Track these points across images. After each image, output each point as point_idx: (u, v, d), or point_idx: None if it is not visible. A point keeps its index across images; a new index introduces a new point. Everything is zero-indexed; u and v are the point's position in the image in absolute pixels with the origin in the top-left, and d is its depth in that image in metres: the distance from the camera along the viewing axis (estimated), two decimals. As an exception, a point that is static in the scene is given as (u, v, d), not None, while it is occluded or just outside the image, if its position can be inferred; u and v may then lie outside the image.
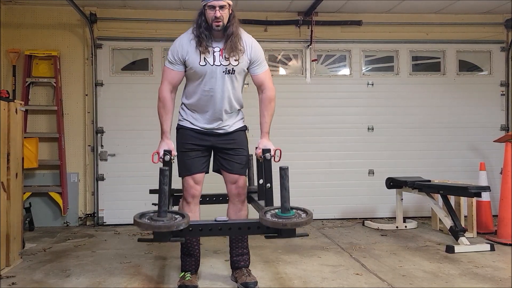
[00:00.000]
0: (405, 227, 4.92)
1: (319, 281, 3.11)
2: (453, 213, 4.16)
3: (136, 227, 2.51)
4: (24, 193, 4.11)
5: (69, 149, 5.26)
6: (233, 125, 2.96)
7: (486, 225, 4.62)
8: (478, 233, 4.46)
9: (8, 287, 3.02)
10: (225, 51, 2.80)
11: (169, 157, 2.80)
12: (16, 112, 3.56)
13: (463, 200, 4.53)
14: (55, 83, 5.17)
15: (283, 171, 2.35)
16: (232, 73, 2.84)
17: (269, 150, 2.80)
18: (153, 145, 3.10)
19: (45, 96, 5.28)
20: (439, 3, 5.35)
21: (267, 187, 2.75)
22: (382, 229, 4.88)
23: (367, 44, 5.66)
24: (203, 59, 2.80)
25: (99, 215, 5.28)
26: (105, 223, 5.28)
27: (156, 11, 5.37)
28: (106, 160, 5.31)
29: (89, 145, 5.31)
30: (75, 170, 5.30)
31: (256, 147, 2.89)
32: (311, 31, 5.45)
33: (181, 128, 2.98)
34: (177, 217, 2.42)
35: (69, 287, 3.03)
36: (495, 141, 4.79)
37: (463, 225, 4.33)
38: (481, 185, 4.49)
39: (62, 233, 4.82)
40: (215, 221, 2.48)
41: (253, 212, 3.04)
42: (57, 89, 5.18)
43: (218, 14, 2.71)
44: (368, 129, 5.63)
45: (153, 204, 3.28)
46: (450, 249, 3.83)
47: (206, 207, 3.41)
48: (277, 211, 2.43)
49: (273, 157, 2.80)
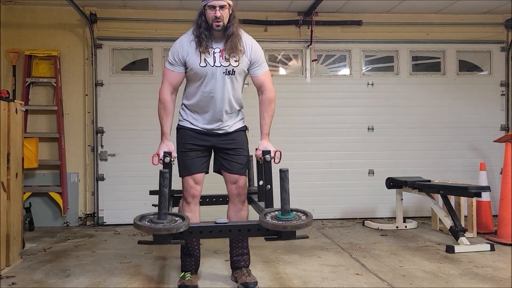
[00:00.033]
0: (405, 227, 4.92)
1: (319, 281, 3.11)
2: (453, 213, 4.16)
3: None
4: (24, 193, 4.11)
5: (69, 149, 5.26)
6: (233, 125, 2.96)
7: (486, 225, 4.62)
8: (478, 233, 4.46)
9: (8, 287, 3.02)
10: (225, 51, 2.80)
11: (169, 159, 2.79)
12: (16, 112, 3.56)
13: (463, 200, 4.53)
14: (55, 83, 5.17)
15: (283, 173, 2.34)
16: (232, 74, 2.83)
17: (269, 151, 2.80)
18: (153, 145, 3.10)
19: (45, 96, 5.28)
20: (439, 3, 5.35)
21: (267, 188, 2.74)
22: (382, 229, 4.88)
23: (367, 44, 5.66)
24: (203, 60, 2.79)
25: (99, 215, 5.28)
26: (105, 223, 5.28)
27: (156, 11, 5.37)
28: (106, 160, 5.31)
29: (89, 145, 5.31)
30: (75, 170, 5.30)
31: (256, 149, 2.89)
32: (311, 31, 5.45)
33: (181, 128, 2.98)
34: (177, 219, 2.41)
35: (69, 287, 3.03)
36: (495, 141, 4.79)
37: (463, 225, 4.33)
38: (481, 185, 4.49)
39: (62, 233, 4.83)
40: (215, 223, 2.48)
41: (253, 212, 3.04)
42: (57, 89, 5.18)
43: (218, 14, 2.71)
44: (368, 129, 5.63)
45: (153, 205, 3.29)
46: (450, 249, 3.83)
47: (206, 207, 3.42)
48: (277, 213, 2.42)
49: (273, 159, 2.80)
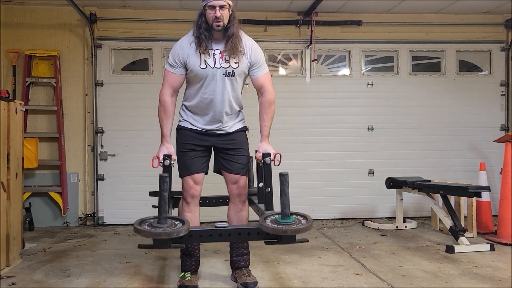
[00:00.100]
0: (405, 227, 4.92)
1: (319, 281, 3.11)
2: (453, 213, 4.16)
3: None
4: (24, 193, 4.11)
5: (69, 149, 5.26)
6: (233, 126, 2.96)
7: (486, 225, 4.62)
8: (478, 233, 4.46)
9: (8, 287, 3.02)
10: (225, 52, 2.79)
11: (169, 161, 2.78)
12: (16, 112, 3.56)
13: (463, 200, 4.52)
14: (55, 83, 5.17)
15: (283, 177, 2.34)
16: (232, 76, 2.83)
17: (269, 154, 2.80)
18: (153, 145, 3.10)
19: (45, 96, 5.28)
20: (439, 3, 5.35)
21: (267, 191, 2.74)
22: (382, 229, 4.88)
23: (367, 44, 5.66)
24: (203, 61, 2.79)
25: (99, 215, 5.28)
26: (105, 223, 5.28)
27: (156, 11, 5.37)
28: (106, 160, 5.31)
29: (89, 145, 5.31)
30: (75, 170, 5.30)
31: (256, 151, 2.89)
32: (311, 31, 5.45)
33: (181, 128, 2.98)
34: (177, 223, 2.41)
35: (69, 287, 3.03)
36: (495, 141, 4.79)
37: (463, 225, 4.33)
38: (481, 185, 4.49)
39: (62, 233, 4.83)
40: (215, 227, 2.47)
41: (253, 213, 3.04)
42: (57, 89, 5.18)
43: (218, 14, 2.71)
44: (368, 129, 5.63)
45: (153, 206, 3.28)
46: (450, 249, 3.83)
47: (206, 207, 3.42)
48: (277, 216, 2.42)
49: (273, 161, 2.80)
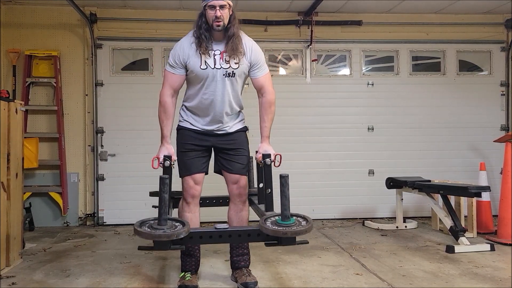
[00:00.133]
0: (405, 227, 4.92)
1: (319, 281, 3.11)
2: (453, 213, 4.16)
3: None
4: (24, 193, 4.11)
5: (69, 149, 5.26)
6: (233, 126, 2.96)
7: (486, 225, 4.62)
8: (478, 233, 4.46)
9: (8, 287, 3.02)
10: (225, 53, 2.79)
11: (169, 162, 2.78)
12: (16, 112, 3.56)
13: (463, 200, 4.52)
14: (55, 83, 5.17)
15: (283, 179, 2.33)
16: (232, 76, 2.83)
17: (269, 155, 2.80)
18: (153, 145, 3.10)
19: (45, 96, 5.28)
20: (439, 3, 5.35)
21: (267, 192, 2.74)
22: (382, 229, 4.88)
23: (367, 44, 5.66)
24: (204, 62, 2.79)
25: (99, 215, 5.28)
26: (105, 223, 5.28)
27: (156, 11, 5.37)
28: (106, 160, 5.31)
29: (89, 145, 5.31)
30: (75, 170, 5.30)
31: (256, 151, 2.89)
32: (311, 31, 5.45)
33: (181, 128, 2.98)
34: (177, 225, 2.40)
35: (69, 287, 3.03)
36: (495, 141, 4.79)
37: (463, 225, 4.33)
38: (481, 185, 4.49)
39: (62, 233, 4.83)
40: (215, 228, 2.47)
41: (254, 213, 3.04)
42: (57, 89, 5.18)
43: (218, 13, 2.71)
44: (368, 129, 5.63)
45: (154, 206, 3.28)
46: (450, 249, 3.83)
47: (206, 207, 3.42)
48: (277, 218, 2.41)
49: (273, 162, 2.80)
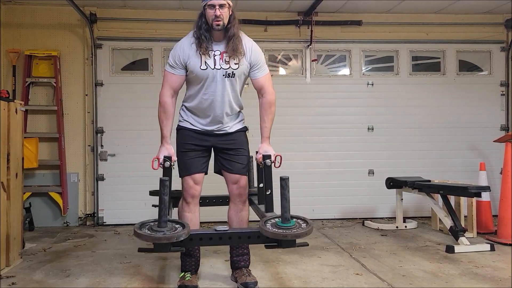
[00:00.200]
0: (405, 227, 4.92)
1: (319, 281, 3.11)
2: (453, 213, 4.16)
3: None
4: (24, 193, 4.11)
5: (69, 149, 5.26)
6: (233, 126, 2.96)
7: (486, 225, 4.62)
8: (478, 233, 4.46)
9: (8, 287, 3.02)
10: (226, 53, 2.79)
11: (169, 163, 2.78)
12: (16, 112, 3.56)
13: (463, 200, 4.52)
14: (55, 83, 5.17)
15: (284, 181, 2.32)
16: (232, 77, 2.83)
17: (269, 156, 2.79)
18: (153, 145, 3.09)
19: (45, 96, 5.28)
20: (439, 3, 5.35)
21: (267, 193, 2.73)
22: (382, 229, 4.88)
23: (367, 44, 5.66)
24: (203, 63, 2.79)
25: (99, 215, 5.28)
26: (105, 223, 5.28)
27: (156, 11, 5.37)
28: (106, 160, 5.31)
29: (89, 145, 5.31)
30: (75, 170, 5.30)
31: (256, 152, 2.88)
32: (311, 31, 5.45)
33: (181, 128, 2.98)
34: (177, 227, 2.39)
35: (69, 287, 3.03)
36: (495, 141, 4.79)
37: (463, 225, 4.33)
38: (481, 185, 4.49)
39: (62, 233, 4.82)
40: (215, 230, 2.47)
41: (253, 214, 3.04)
42: (57, 89, 5.18)
43: (218, 12, 2.71)
44: (368, 129, 5.63)
45: (153, 205, 3.28)
46: (450, 249, 3.83)
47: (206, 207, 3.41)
48: (277, 220, 2.40)
49: (273, 163, 2.79)
